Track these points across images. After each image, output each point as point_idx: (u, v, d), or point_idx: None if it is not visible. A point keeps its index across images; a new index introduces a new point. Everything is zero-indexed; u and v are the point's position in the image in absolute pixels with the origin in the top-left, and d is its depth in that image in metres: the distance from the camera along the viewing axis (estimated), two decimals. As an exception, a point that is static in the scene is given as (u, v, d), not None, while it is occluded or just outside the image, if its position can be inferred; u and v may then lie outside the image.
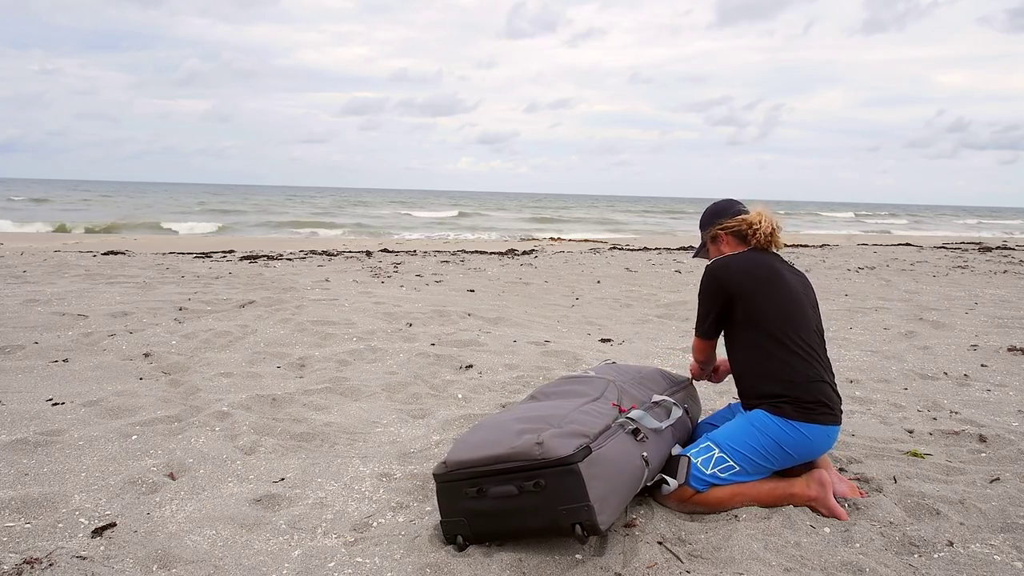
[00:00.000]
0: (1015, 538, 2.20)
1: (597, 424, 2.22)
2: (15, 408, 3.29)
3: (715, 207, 2.76)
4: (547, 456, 2.02)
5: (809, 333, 2.48)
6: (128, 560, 2.06)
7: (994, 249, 15.87)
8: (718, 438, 2.44)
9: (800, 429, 2.38)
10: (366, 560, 2.07)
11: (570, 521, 2.00)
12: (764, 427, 2.40)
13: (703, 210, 2.82)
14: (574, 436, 2.10)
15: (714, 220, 2.72)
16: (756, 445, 2.39)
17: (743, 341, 2.51)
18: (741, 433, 2.42)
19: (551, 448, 2.03)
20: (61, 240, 15.93)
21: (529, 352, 4.67)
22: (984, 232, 34.05)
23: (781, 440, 2.39)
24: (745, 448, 2.39)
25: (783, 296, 2.47)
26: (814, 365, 2.45)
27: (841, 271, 10.58)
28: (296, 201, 57.18)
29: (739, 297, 2.48)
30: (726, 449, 2.40)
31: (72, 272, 8.29)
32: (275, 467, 2.76)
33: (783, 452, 2.40)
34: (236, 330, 5.03)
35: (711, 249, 2.75)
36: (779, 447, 2.39)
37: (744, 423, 2.45)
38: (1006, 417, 3.46)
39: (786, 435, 2.38)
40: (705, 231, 2.77)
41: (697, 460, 2.39)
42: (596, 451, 2.08)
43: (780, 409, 2.40)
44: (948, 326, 5.99)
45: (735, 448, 2.40)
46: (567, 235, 24.54)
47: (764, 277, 2.50)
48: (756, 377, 2.48)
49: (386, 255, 12.16)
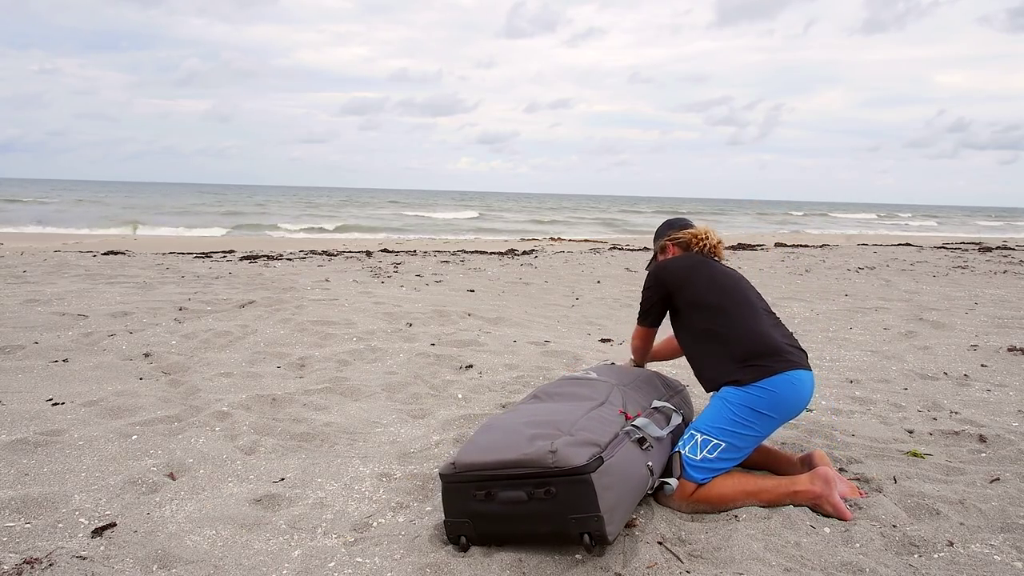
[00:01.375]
0: (1015, 538, 2.20)
1: (607, 432, 2.22)
2: (15, 408, 3.29)
3: (667, 222, 3.04)
4: (560, 465, 2.01)
5: (748, 300, 2.66)
6: (128, 560, 2.06)
7: (994, 249, 15.86)
8: (697, 425, 2.52)
9: (762, 386, 2.46)
10: (366, 560, 2.07)
11: (579, 530, 2.00)
12: (730, 397, 2.49)
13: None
14: (586, 445, 2.09)
15: (664, 232, 2.99)
16: (730, 415, 2.46)
17: (688, 329, 2.69)
18: (713, 411, 2.51)
19: (565, 457, 2.02)
20: (61, 240, 15.94)
21: (529, 352, 4.67)
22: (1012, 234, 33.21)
23: (751, 403, 2.46)
24: (722, 422, 2.46)
25: (717, 279, 2.70)
26: (757, 320, 2.60)
27: (841, 271, 10.58)
28: (295, 201, 57.10)
29: (676, 288, 2.71)
30: (706, 430, 2.46)
31: (72, 272, 8.29)
32: (275, 467, 2.76)
33: (758, 414, 2.46)
34: (236, 330, 5.03)
35: (659, 259, 2.97)
36: (752, 411, 2.46)
37: (713, 402, 2.55)
38: (1006, 417, 3.46)
39: (753, 397, 2.46)
40: (656, 242, 3.02)
41: (684, 450, 2.45)
42: (607, 461, 2.08)
43: (736, 380, 2.50)
44: (948, 326, 5.99)
45: (713, 426, 2.47)
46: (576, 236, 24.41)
47: (695, 266, 2.75)
48: (708, 357, 2.61)
49: (386, 255, 12.16)
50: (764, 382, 2.47)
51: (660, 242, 3.00)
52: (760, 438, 2.50)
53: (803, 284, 8.97)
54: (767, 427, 2.48)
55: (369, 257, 11.66)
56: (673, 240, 2.96)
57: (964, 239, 22.64)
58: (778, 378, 2.47)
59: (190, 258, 10.65)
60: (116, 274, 8.21)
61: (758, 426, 2.47)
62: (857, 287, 8.69)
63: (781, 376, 2.48)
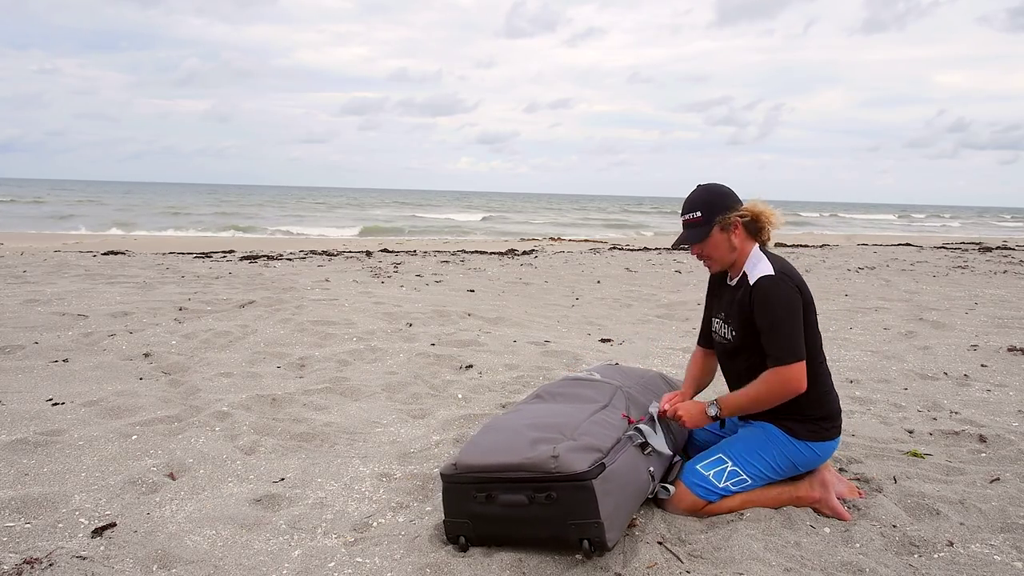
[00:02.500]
0: (1015, 538, 2.20)
1: (609, 437, 2.21)
2: (15, 408, 3.29)
3: (719, 190, 2.43)
4: (562, 470, 2.00)
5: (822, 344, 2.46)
6: (128, 560, 2.06)
7: (994, 249, 15.86)
8: (731, 452, 2.40)
9: (814, 449, 2.39)
10: (366, 560, 2.07)
11: (579, 536, 1.99)
12: (780, 445, 2.38)
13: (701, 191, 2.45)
14: (588, 450, 2.09)
15: (729, 204, 2.40)
16: (771, 461, 2.38)
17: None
18: (756, 448, 2.39)
19: (567, 462, 2.02)
20: (61, 240, 15.93)
21: (529, 352, 4.66)
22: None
23: (795, 459, 2.39)
24: (759, 463, 2.38)
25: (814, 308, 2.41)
26: (830, 377, 2.46)
27: (841, 271, 10.58)
28: (296, 200, 56.98)
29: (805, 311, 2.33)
30: (740, 463, 2.37)
31: (72, 272, 8.28)
32: (275, 467, 2.76)
33: (794, 468, 2.41)
34: (236, 330, 5.03)
35: (717, 238, 2.40)
36: (792, 464, 2.40)
37: (760, 438, 2.40)
38: (1006, 417, 3.46)
39: (801, 455, 2.39)
40: (718, 215, 2.38)
41: (709, 473, 2.37)
42: (609, 467, 2.07)
43: (794, 431, 2.37)
44: (948, 326, 5.98)
45: (749, 463, 2.37)
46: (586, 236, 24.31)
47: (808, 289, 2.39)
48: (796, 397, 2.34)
49: (386, 255, 12.16)
50: (818, 446, 2.38)
51: (727, 216, 2.38)
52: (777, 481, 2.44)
53: (803, 284, 8.97)
54: (789, 475, 2.42)
55: (369, 257, 11.66)
56: (743, 216, 2.40)
57: (965, 239, 22.63)
58: (829, 444, 2.41)
59: (190, 258, 10.65)
60: (116, 274, 8.21)
61: (785, 474, 2.41)
62: (857, 287, 8.69)
63: (831, 443, 2.42)
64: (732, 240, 2.41)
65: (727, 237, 2.40)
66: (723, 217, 2.38)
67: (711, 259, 2.46)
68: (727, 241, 2.41)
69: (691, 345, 5.14)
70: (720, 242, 2.41)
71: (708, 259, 2.47)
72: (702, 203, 2.41)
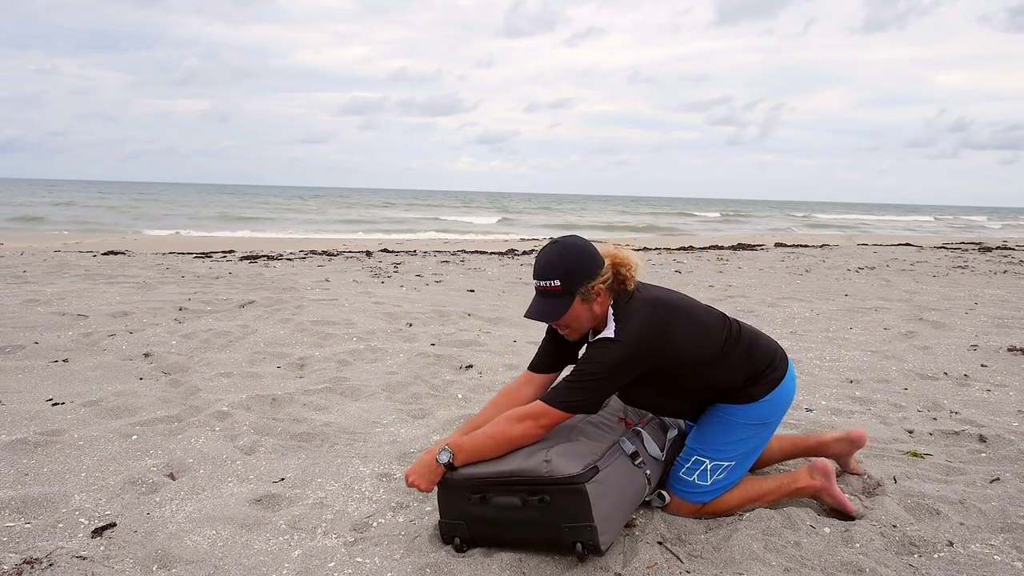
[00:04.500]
0: (1015, 538, 2.20)
1: (603, 440, 2.20)
2: (15, 408, 3.29)
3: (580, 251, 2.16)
4: (554, 474, 2.00)
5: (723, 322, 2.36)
6: (128, 560, 2.06)
7: (994, 249, 15.86)
8: (703, 448, 2.36)
9: (771, 399, 2.35)
10: (366, 560, 2.07)
11: (572, 539, 1.99)
12: (740, 416, 2.34)
13: (559, 254, 2.16)
14: (581, 453, 2.09)
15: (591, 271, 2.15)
16: (741, 436, 2.36)
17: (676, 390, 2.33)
18: (721, 434, 2.36)
19: (558, 466, 2.01)
20: (61, 240, 15.93)
21: (529, 352, 4.66)
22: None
23: (760, 417, 2.35)
24: (731, 445, 2.35)
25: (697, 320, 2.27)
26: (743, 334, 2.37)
27: (841, 271, 10.58)
28: (301, 200, 56.88)
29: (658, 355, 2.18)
30: (716, 455, 2.35)
31: (72, 272, 8.28)
32: (275, 467, 2.76)
33: (764, 425, 2.38)
34: (236, 330, 5.03)
35: (577, 310, 2.17)
36: (761, 423, 2.37)
37: (720, 424, 2.37)
38: (1006, 417, 3.46)
39: (763, 411, 2.35)
40: (580, 287, 2.14)
41: (693, 477, 2.35)
42: (603, 470, 2.07)
43: (748, 396, 2.33)
44: (948, 326, 5.98)
45: (722, 450, 2.35)
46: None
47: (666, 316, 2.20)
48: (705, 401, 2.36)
49: (386, 255, 12.16)
50: (774, 393, 2.35)
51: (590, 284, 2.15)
52: (764, 445, 2.45)
53: (803, 284, 8.97)
54: (767, 432, 2.42)
55: (369, 257, 11.66)
56: (605, 281, 2.17)
57: (966, 239, 22.63)
58: (784, 384, 2.37)
59: (190, 258, 10.65)
60: (116, 274, 8.21)
61: (764, 435, 2.41)
62: (857, 287, 8.69)
63: (786, 380, 2.39)
64: (594, 309, 2.19)
65: (588, 307, 2.18)
66: (585, 287, 2.14)
67: (568, 328, 2.23)
68: (588, 311, 2.18)
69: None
70: (581, 313, 2.18)
71: (564, 328, 2.24)
72: (562, 270, 2.13)
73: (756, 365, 2.35)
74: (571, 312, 2.17)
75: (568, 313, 2.16)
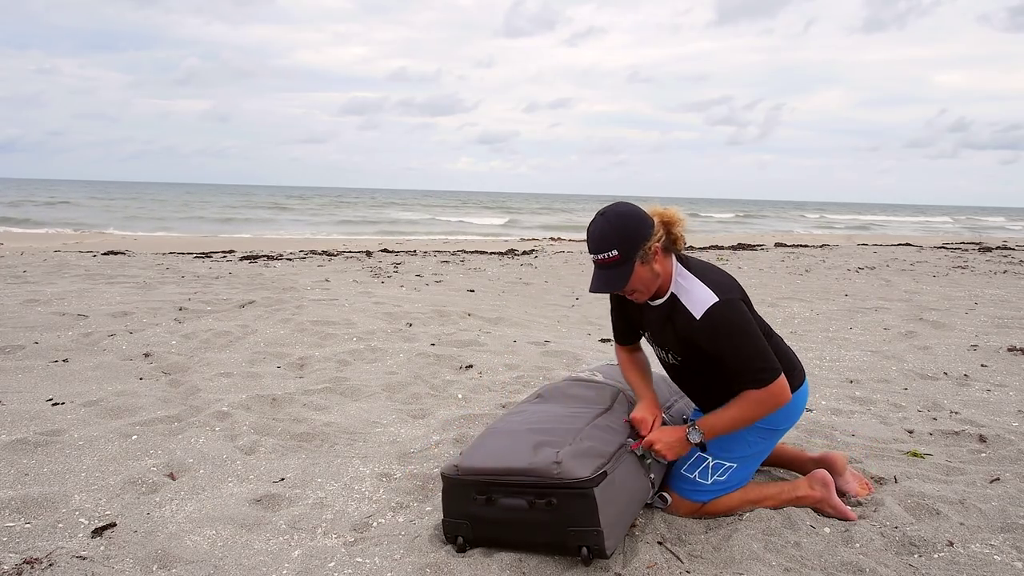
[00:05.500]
0: (1015, 538, 2.20)
1: (612, 443, 2.19)
2: (15, 408, 3.29)
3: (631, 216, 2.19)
4: (564, 477, 1.99)
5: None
6: (128, 560, 2.06)
7: (994, 249, 15.86)
8: (707, 446, 2.36)
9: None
10: (366, 560, 2.07)
11: (578, 543, 1.99)
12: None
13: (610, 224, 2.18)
14: (591, 456, 2.08)
15: (644, 233, 2.18)
16: (745, 437, 2.36)
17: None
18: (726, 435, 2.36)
19: (569, 469, 2.00)
20: (61, 240, 15.93)
21: (529, 352, 4.66)
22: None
23: (767, 423, 2.34)
24: (736, 445, 2.36)
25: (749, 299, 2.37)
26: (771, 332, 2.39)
27: (841, 271, 10.58)
28: (302, 201, 56.77)
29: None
30: (719, 455, 2.36)
31: (72, 272, 8.28)
32: (275, 467, 2.76)
33: (771, 431, 2.39)
34: (236, 330, 5.03)
35: (639, 273, 2.20)
36: (767, 429, 2.37)
37: None
38: (1006, 417, 3.46)
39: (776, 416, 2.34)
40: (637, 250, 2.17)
41: (694, 475, 2.36)
42: (611, 474, 2.06)
43: None
44: (948, 326, 5.98)
45: (725, 447, 2.36)
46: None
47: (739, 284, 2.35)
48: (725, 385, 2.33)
49: (386, 255, 12.16)
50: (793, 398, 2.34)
51: (645, 246, 2.18)
52: (767, 453, 2.45)
53: (803, 284, 8.97)
54: (775, 437, 2.42)
55: (369, 257, 11.66)
56: (659, 240, 2.22)
57: (967, 239, 22.62)
58: (798, 393, 2.39)
59: (190, 258, 10.65)
60: (116, 274, 8.21)
61: (771, 441, 2.41)
62: (857, 287, 8.69)
63: (801, 391, 2.40)
64: (654, 268, 2.22)
65: (649, 268, 2.20)
66: (642, 250, 2.17)
67: (636, 292, 2.26)
68: (650, 271, 2.21)
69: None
70: (643, 275, 2.21)
71: (632, 293, 2.27)
72: (617, 239, 2.15)
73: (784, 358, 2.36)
74: (635, 277, 2.20)
75: (632, 278, 2.20)
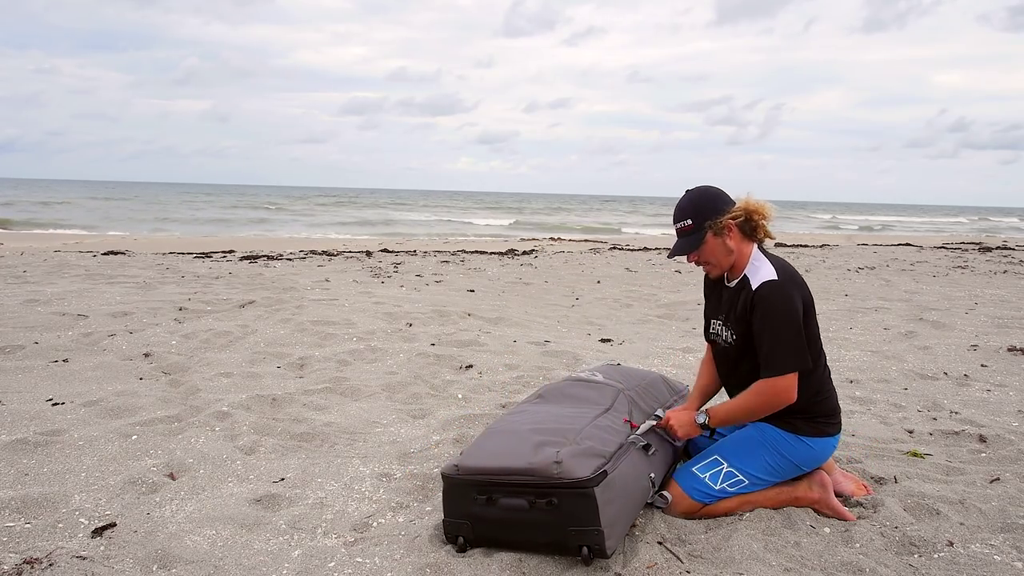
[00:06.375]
0: (1015, 538, 2.20)
1: (611, 443, 2.20)
2: (15, 408, 3.29)
3: (707, 193, 2.39)
4: (564, 476, 1.99)
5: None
6: (128, 560, 2.06)
7: (994, 249, 15.86)
8: (726, 452, 2.38)
9: (811, 444, 2.36)
10: (366, 560, 2.07)
11: (579, 543, 1.99)
12: (776, 444, 2.35)
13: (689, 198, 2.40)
14: (591, 456, 2.08)
15: (718, 207, 2.35)
16: (768, 461, 2.35)
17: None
18: (751, 448, 2.37)
19: (569, 468, 2.01)
20: (61, 240, 15.93)
21: (529, 352, 4.66)
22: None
23: (793, 456, 2.36)
24: (755, 464, 2.35)
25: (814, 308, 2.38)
26: (828, 372, 2.44)
27: (841, 271, 10.58)
28: (302, 201, 56.70)
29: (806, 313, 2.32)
30: (735, 464, 2.35)
31: (72, 272, 8.28)
32: (275, 467, 2.76)
33: (793, 466, 2.38)
34: (236, 330, 5.03)
35: (711, 243, 2.36)
36: (790, 463, 2.37)
37: (755, 438, 2.38)
38: (1006, 417, 3.46)
39: (798, 452, 2.36)
40: (709, 220, 2.34)
41: (705, 476, 2.35)
42: (611, 474, 2.07)
43: (792, 425, 2.35)
44: (948, 326, 5.98)
45: (745, 463, 2.35)
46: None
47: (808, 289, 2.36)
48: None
49: (386, 255, 12.16)
50: (816, 441, 2.35)
51: (718, 221, 2.33)
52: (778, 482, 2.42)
53: (803, 284, 8.97)
54: (791, 475, 2.40)
55: (369, 257, 11.66)
56: (736, 218, 2.35)
57: (966, 239, 22.62)
58: (828, 440, 2.38)
59: (190, 258, 10.65)
60: (116, 274, 8.21)
61: (786, 474, 2.39)
62: (857, 287, 8.69)
63: (831, 439, 2.40)
64: (727, 243, 2.36)
65: (722, 241, 2.36)
66: (714, 222, 2.34)
67: (709, 264, 2.42)
68: (722, 245, 2.36)
69: (691, 345, 5.14)
70: (715, 247, 2.37)
71: (706, 264, 2.43)
72: (691, 210, 2.37)
73: (820, 404, 2.37)
74: (706, 246, 2.38)
75: (704, 247, 2.38)
